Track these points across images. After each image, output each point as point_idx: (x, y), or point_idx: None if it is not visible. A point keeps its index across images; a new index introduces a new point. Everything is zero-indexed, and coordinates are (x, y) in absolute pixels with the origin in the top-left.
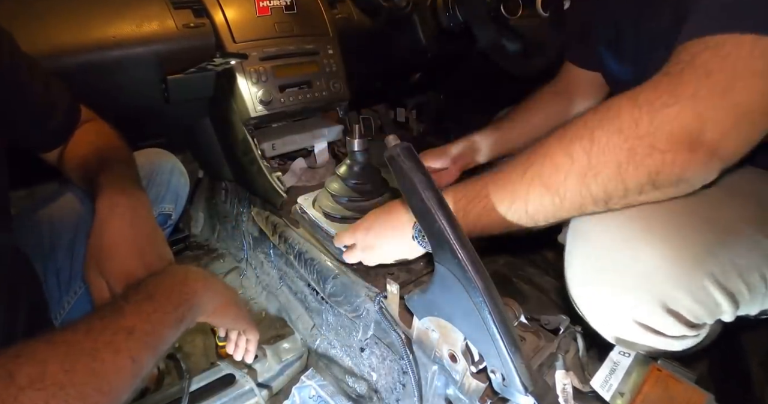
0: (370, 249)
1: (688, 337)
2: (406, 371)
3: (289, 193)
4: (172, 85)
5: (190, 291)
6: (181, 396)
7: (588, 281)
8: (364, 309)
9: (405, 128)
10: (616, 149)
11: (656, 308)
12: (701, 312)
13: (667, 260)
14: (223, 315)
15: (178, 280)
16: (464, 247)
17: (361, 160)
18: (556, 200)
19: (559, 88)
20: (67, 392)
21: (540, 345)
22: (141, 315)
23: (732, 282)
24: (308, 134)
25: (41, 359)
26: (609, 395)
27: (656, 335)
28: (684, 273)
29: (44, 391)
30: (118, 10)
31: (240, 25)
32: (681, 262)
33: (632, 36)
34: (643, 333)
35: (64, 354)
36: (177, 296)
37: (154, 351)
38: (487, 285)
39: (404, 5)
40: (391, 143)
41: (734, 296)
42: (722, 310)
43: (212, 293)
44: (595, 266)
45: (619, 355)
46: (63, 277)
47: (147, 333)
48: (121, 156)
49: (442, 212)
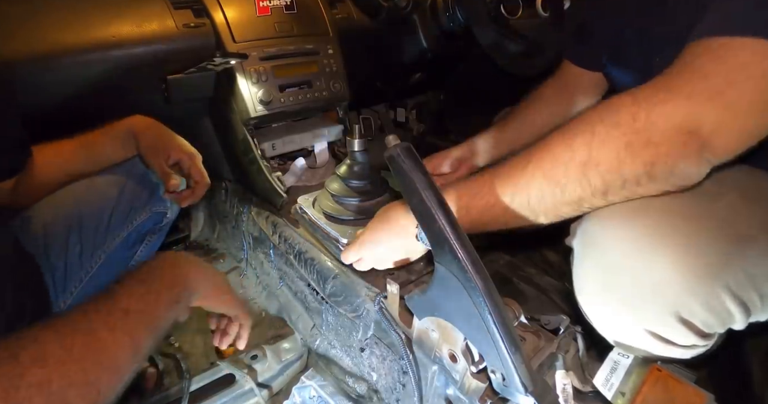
0: (379, 259)
1: (698, 347)
2: (406, 371)
3: (289, 193)
4: (172, 85)
5: (182, 274)
6: (181, 396)
7: (598, 290)
8: (364, 309)
9: (405, 128)
10: (615, 141)
11: (670, 319)
12: (714, 321)
13: (681, 271)
14: (216, 298)
15: (169, 264)
16: (464, 247)
17: (361, 160)
18: (557, 191)
19: (560, 85)
20: (68, 367)
21: (540, 345)
22: (134, 296)
23: (745, 292)
24: (308, 134)
25: (42, 340)
26: (611, 394)
27: (666, 344)
28: (699, 284)
29: (46, 368)
30: (118, 10)
31: (240, 25)
32: (695, 272)
33: (637, 44)
34: (654, 342)
35: (62, 334)
36: (170, 278)
37: (151, 330)
38: (487, 285)
39: (404, 5)
40: (391, 143)
41: (747, 305)
42: (735, 320)
43: (204, 276)
44: (606, 274)
45: (619, 355)
46: (58, 276)
47: (142, 312)
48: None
49: (442, 212)
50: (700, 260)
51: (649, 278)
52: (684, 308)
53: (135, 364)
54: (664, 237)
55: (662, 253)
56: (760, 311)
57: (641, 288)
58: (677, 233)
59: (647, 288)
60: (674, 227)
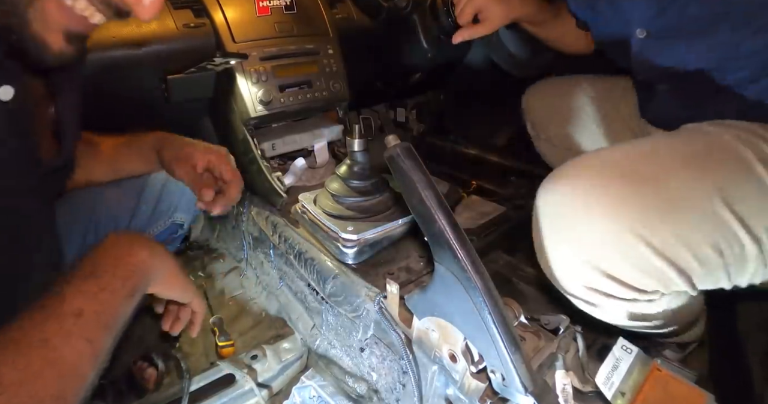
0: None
1: (640, 301)
2: (406, 371)
3: (289, 193)
4: (172, 85)
5: (137, 262)
6: (181, 396)
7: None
8: (364, 309)
9: (405, 128)
10: None
11: (598, 274)
12: (647, 281)
13: (604, 229)
14: (171, 284)
15: (123, 252)
16: (464, 247)
17: (361, 160)
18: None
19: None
20: (28, 388)
21: (540, 345)
22: (86, 295)
23: (676, 254)
24: (308, 134)
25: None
26: (611, 393)
27: (608, 297)
28: (619, 240)
29: (4, 395)
30: None
31: (240, 25)
32: (616, 229)
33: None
34: (595, 295)
35: (14, 352)
36: (123, 268)
37: (109, 329)
38: (487, 285)
39: (404, 5)
40: (391, 143)
41: (680, 266)
42: (675, 282)
43: (159, 261)
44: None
45: (622, 350)
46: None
47: (97, 312)
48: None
49: (442, 212)
50: (623, 219)
51: (586, 236)
52: (606, 263)
53: (98, 366)
54: (607, 195)
55: (600, 213)
56: (703, 275)
57: (580, 244)
58: (620, 191)
59: (584, 245)
60: (620, 185)
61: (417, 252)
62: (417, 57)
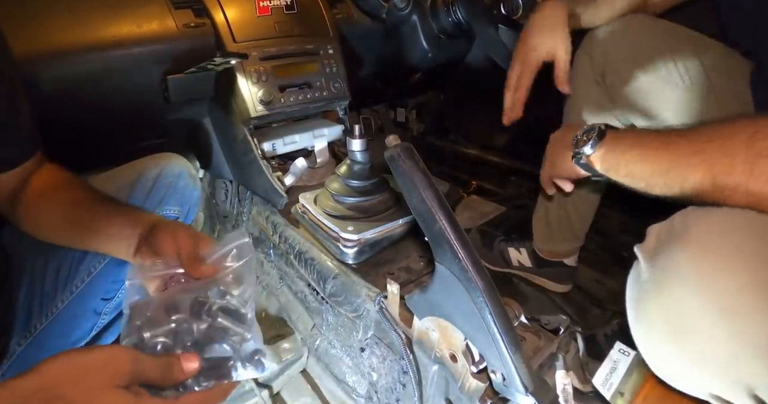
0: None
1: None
2: (406, 371)
3: (289, 193)
4: (172, 85)
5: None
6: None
7: (665, 339)
8: (364, 309)
9: (405, 128)
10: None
11: (740, 392)
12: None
13: (756, 346)
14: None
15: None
16: (464, 247)
17: (361, 160)
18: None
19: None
20: None
21: (540, 345)
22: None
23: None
24: (308, 134)
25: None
26: (609, 394)
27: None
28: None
29: None
30: (118, 10)
31: (240, 25)
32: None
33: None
34: (713, 400)
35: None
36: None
37: None
38: (487, 285)
39: (404, 5)
40: (391, 143)
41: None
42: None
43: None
44: (677, 327)
45: (619, 353)
46: (62, 273)
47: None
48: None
49: (442, 212)
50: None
51: (726, 349)
52: (760, 385)
53: None
54: (751, 304)
55: (745, 323)
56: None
57: (716, 356)
58: (756, 296)
59: (723, 358)
60: (754, 289)
61: (417, 252)
62: (417, 57)
